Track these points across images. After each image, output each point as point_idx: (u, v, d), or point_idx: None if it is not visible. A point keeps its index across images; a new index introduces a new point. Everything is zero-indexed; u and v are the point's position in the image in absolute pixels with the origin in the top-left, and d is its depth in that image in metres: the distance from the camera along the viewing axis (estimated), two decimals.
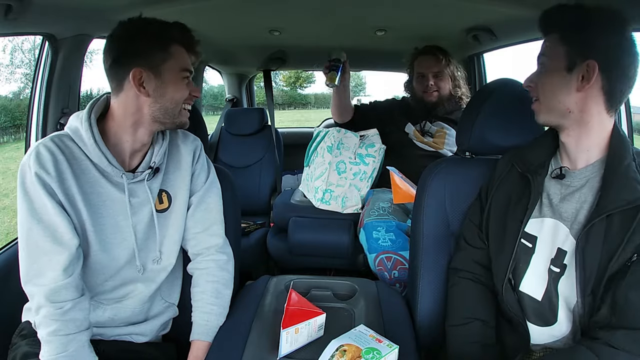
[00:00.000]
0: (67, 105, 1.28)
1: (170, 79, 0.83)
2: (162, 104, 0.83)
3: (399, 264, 1.35)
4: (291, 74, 18.51)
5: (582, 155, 0.77)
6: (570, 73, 0.74)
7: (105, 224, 0.85)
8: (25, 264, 0.79)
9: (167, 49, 0.82)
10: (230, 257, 1.00)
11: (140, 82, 0.80)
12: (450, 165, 1.03)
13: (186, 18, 0.89)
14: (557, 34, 0.76)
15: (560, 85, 0.75)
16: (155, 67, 0.81)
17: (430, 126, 1.67)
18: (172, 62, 0.83)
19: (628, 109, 1.20)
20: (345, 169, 1.68)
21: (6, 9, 0.93)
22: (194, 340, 0.91)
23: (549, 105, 0.78)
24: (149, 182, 0.88)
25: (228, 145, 2.33)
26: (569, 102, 0.75)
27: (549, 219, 0.80)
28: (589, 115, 0.75)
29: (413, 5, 1.35)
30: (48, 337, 0.77)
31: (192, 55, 0.87)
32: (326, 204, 1.70)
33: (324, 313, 0.85)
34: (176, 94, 0.84)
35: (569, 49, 0.74)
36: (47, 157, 0.78)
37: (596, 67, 0.71)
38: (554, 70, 0.76)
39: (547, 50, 0.79)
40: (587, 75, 0.72)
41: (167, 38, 0.82)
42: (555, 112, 0.77)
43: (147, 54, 0.80)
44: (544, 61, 0.79)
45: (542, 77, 0.79)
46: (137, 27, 0.82)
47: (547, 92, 0.77)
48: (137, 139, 0.86)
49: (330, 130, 1.77)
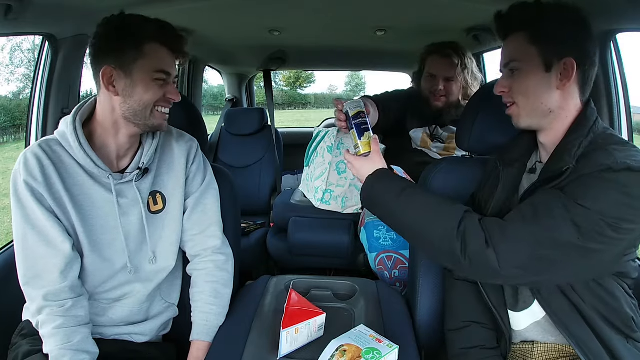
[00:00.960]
0: (67, 106, 1.28)
1: (140, 78, 0.80)
2: (130, 104, 0.81)
3: (400, 263, 1.35)
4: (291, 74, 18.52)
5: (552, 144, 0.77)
6: (549, 72, 0.73)
7: (95, 225, 0.85)
8: (22, 267, 0.81)
9: (139, 47, 0.79)
10: (228, 257, 0.99)
11: (110, 81, 0.80)
12: (450, 165, 1.03)
13: (186, 18, 0.89)
14: (523, 34, 0.75)
15: (541, 85, 0.74)
16: (126, 66, 0.79)
17: (442, 132, 1.54)
18: (144, 62, 0.80)
19: (628, 109, 1.20)
20: (346, 169, 1.67)
21: (6, 9, 0.93)
22: (194, 340, 0.91)
23: (531, 107, 0.76)
24: (137, 182, 0.88)
25: (228, 145, 2.33)
26: (550, 102, 0.74)
27: None
28: (567, 111, 0.75)
29: (413, 5, 1.35)
30: (53, 330, 0.79)
31: (176, 55, 0.84)
32: (326, 204, 1.69)
33: (324, 313, 0.85)
34: (145, 95, 0.81)
35: (542, 48, 0.73)
36: (34, 163, 0.79)
37: (574, 64, 0.71)
38: (530, 72, 0.74)
39: (516, 53, 0.76)
40: (566, 72, 0.72)
41: (141, 36, 0.79)
42: (537, 113, 0.76)
43: (118, 52, 0.78)
44: (515, 65, 0.77)
45: (518, 80, 0.76)
46: (112, 25, 0.80)
47: (528, 94, 0.76)
48: (119, 140, 0.86)
49: (330, 130, 1.76)
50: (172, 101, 0.86)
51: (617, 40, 1.15)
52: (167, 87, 0.84)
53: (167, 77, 0.84)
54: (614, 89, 1.17)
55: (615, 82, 1.17)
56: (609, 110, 1.17)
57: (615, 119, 1.18)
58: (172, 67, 0.84)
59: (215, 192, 0.99)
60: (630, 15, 1.02)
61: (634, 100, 1.20)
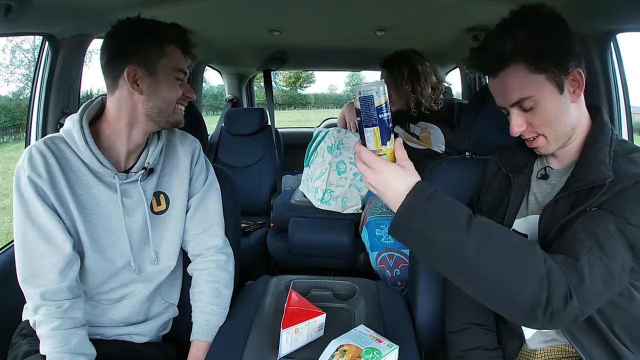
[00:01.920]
0: (67, 106, 1.28)
1: (163, 77, 0.83)
2: (155, 102, 0.83)
3: (401, 262, 1.35)
4: (291, 74, 18.52)
5: (566, 153, 0.76)
6: (562, 93, 0.70)
7: (98, 224, 0.85)
8: (21, 264, 0.81)
9: (162, 47, 0.82)
10: (230, 257, 1.00)
11: (134, 79, 0.81)
12: (450, 165, 1.03)
13: (186, 18, 0.89)
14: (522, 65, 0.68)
15: (560, 109, 0.70)
16: (150, 65, 0.81)
17: (414, 127, 1.66)
18: (167, 61, 0.83)
19: (628, 109, 1.20)
20: (346, 169, 1.68)
21: (6, 9, 0.93)
22: (194, 340, 0.91)
23: (557, 134, 0.72)
24: (142, 182, 0.88)
25: (228, 145, 2.33)
26: (572, 120, 0.72)
27: (536, 215, 0.77)
28: (582, 119, 0.73)
29: (413, 5, 1.35)
30: (50, 332, 0.78)
31: (187, 57, 0.88)
32: (326, 204, 1.70)
33: (324, 313, 0.85)
34: (169, 93, 0.84)
35: (550, 72, 0.68)
36: (39, 159, 0.79)
37: (580, 71, 0.69)
38: (547, 102, 0.69)
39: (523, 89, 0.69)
40: (575, 83, 0.70)
41: (163, 37, 0.83)
42: (564, 135, 0.73)
43: (143, 51, 0.81)
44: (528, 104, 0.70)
45: (536, 114, 0.71)
46: (134, 26, 0.82)
47: (551, 123, 0.71)
48: (131, 139, 0.86)
49: (330, 130, 1.77)
50: (188, 99, 0.89)
51: (617, 40, 1.16)
52: (185, 86, 0.88)
53: (184, 76, 0.87)
54: (614, 89, 1.17)
55: (615, 82, 1.17)
56: (609, 110, 1.17)
57: (615, 119, 1.18)
58: (186, 68, 0.88)
59: (217, 192, 0.99)
60: (630, 15, 1.02)
61: (634, 100, 1.20)
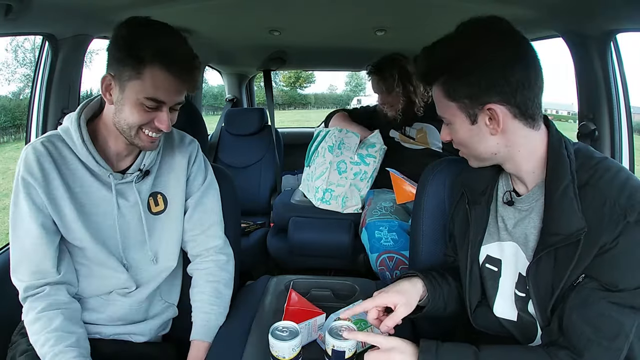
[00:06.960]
0: (67, 106, 1.28)
1: (130, 98, 0.77)
2: (119, 118, 0.80)
3: (401, 264, 1.35)
4: (291, 74, 18.55)
5: (529, 177, 0.72)
6: (475, 124, 0.68)
7: (93, 221, 0.86)
8: (13, 257, 0.83)
9: (138, 68, 0.74)
10: (230, 258, 1.00)
11: (109, 88, 0.79)
12: (450, 165, 1.03)
13: (186, 18, 0.88)
14: (439, 89, 0.69)
15: (473, 137, 0.69)
16: (121, 81, 0.76)
17: (410, 129, 1.69)
18: (138, 84, 0.75)
19: (628, 109, 1.20)
20: (346, 168, 1.68)
21: (6, 9, 0.93)
22: (193, 340, 0.91)
23: (474, 155, 0.73)
24: (137, 184, 0.88)
25: (228, 145, 2.33)
26: (490, 148, 0.69)
27: (508, 242, 0.75)
28: (517, 145, 0.69)
29: (413, 5, 1.35)
30: (36, 315, 0.80)
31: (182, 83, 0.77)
32: (326, 203, 1.70)
33: (324, 313, 0.85)
34: (130, 117, 0.78)
35: (459, 102, 0.67)
36: (33, 159, 0.80)
37: (498, 108, 0.65)
38: (459, 128, 0.70)
39: (440, 108, 0.71)
40: (493, 118, 0.66)
41: (144, 57, 0.73)
42: (483, 157, 0.72)
43: (119, 65, 0.76)
44: (445, 120, 0.72)
45: (452, 131, 0.72)
46: (122, 34, 0.76)
47: (466, 144, 0.72)
48: (118, 144, 0.86)
49: (331, 130, 1.77)
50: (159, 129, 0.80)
51: (617, 40, 1.16)
52: (157, 114, 0.79)
53: (159, 105, 0.78)
54: (614, 89, 1.17)
55: (615, 82, 1.17)
56: (609, 110, 1.17)
57: (615, 119, 1.18)
58: (169, 96, 0.78)
59: (216, 192, 0.99)
60: (630, 15, 1.02)
61: (634, 100, 1.20)
